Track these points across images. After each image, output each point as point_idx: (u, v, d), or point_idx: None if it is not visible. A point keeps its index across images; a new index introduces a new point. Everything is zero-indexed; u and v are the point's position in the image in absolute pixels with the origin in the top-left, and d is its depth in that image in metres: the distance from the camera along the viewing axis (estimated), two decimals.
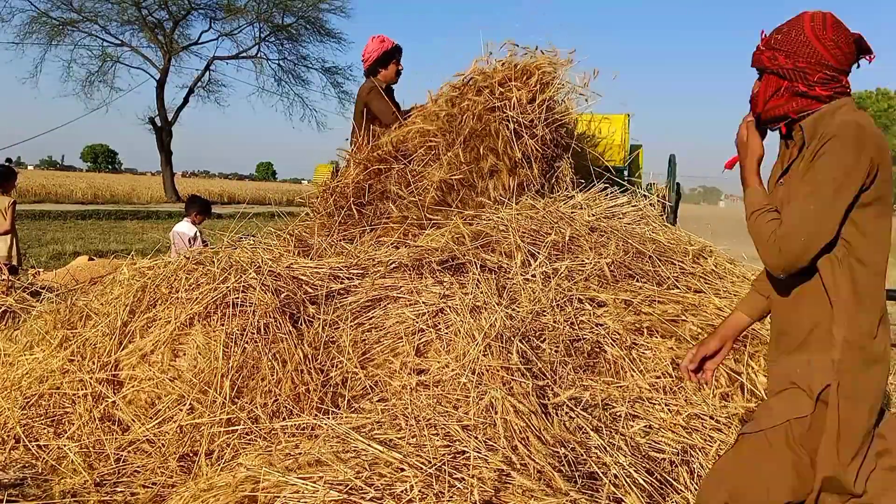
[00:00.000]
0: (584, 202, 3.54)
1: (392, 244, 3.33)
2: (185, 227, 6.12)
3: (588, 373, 2.65)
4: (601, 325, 2.79)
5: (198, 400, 2.61)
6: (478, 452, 2.07)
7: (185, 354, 2.77)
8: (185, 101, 29.81)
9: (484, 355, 2.49)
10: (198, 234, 6.02)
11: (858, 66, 1.57)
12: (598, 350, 2.73)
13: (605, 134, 4.59)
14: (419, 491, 1.90)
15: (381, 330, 2.86)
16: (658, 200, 3.95)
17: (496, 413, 2.23)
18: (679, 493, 2.24)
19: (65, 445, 2.59)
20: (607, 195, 3.66)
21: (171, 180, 29.94)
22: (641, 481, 2.16)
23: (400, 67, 4.40)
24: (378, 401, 2.53)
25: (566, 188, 3.67)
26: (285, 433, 2.40)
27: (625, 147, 4.63)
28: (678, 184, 4.88)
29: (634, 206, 3.61)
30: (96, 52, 28.30)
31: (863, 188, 1.42)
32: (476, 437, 2.15)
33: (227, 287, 2.85)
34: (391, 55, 4.37)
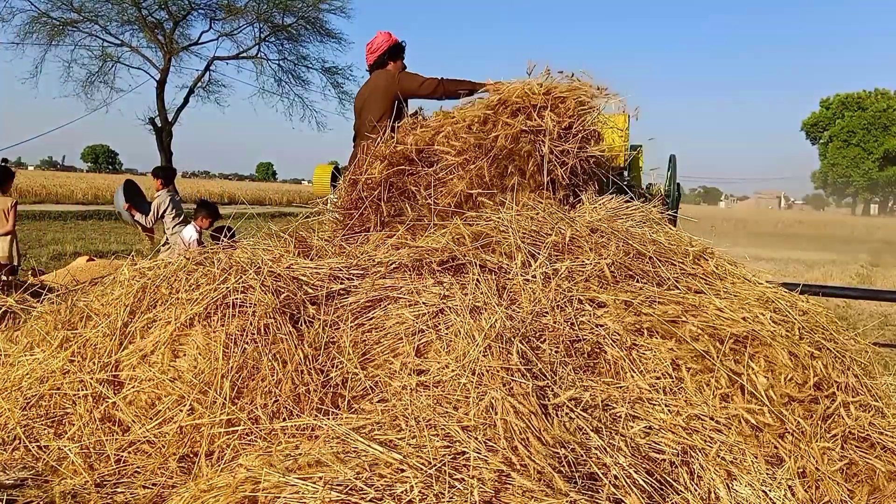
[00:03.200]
0: (591, 206, 3.55)
1: (393, 245, 3.32)
2: (187, 231, 6.18)
3: (588, 373, 2.65)
4: (601, 325, 2.79)
5: (198, 400, 2.61)
6: (478, 453, 2.07)
7: (185, 355, 2.77)
8: (185, 101, 29.78)
9: (484, 356, 2.49)
10: (195, 238, 6.06)
11: None
12: (598, 351, 2.73)
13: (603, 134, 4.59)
14: (419, 492, 1.90)
15: (381, 330, 2.86)
16: (659, 201, 3.95)
17: (496, 414, 2.23)
18: (679, 494, 2.24)
19: (65, 446, 2.59)
20: (612, 199, 3.65)
21: None
22: (641, 482, 2.16)
23: (405, 64, 4.39)
24: (378, 401, 2.53)
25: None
26: (285, 434, 2.40)
27: (624, 147, 4.62)
28: (678, 184, 4.87)
29: (639, 209, 3.61)
30: (96, 53, 28.30)
31: None
32: (476, 438, 2.15)
33: (227, 288, 2.85)
34: (401, 49, 4.36)
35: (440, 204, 3.52)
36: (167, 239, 6.69)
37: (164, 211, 6.73)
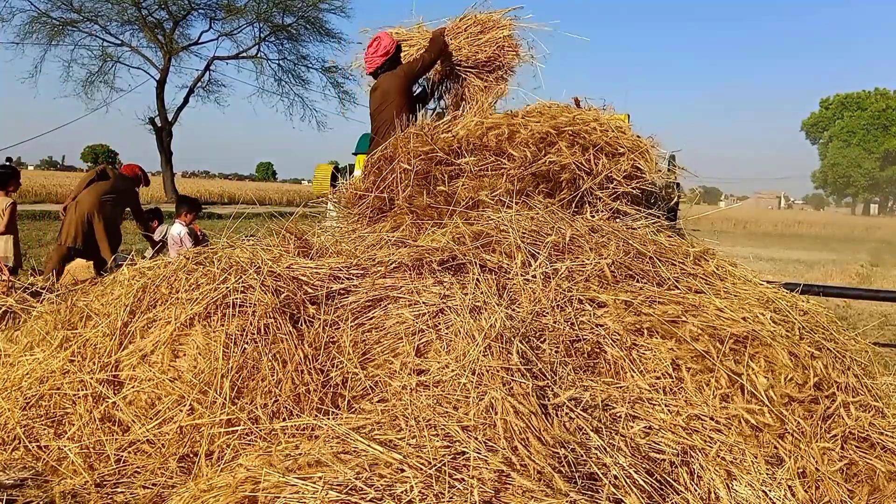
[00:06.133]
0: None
1: (394, 240, 3.32)
2: (175, 229, 6.24)
3: (588, 373, 2.65)
4: (601, 325, 2.79)
5: (198, 400, 2.61)
6: (478, 453, 2.07)
7: (185, 355, 2.77)
8: (185, 101, 29.85)
9: (484, 356, 2.49)
10: (184, 233, 6.10)
11: None
12: (598, 351, 2.73)
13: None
14: (419, 491, 1.90)
15: (381, 330, 2.86)
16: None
17: (496, 414, 2.23)
18: (679, 494, 2.24)
19: (65, 446, 2.59)
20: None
21: (171, 180, 29.95)
22: (641, 482, 2.16)
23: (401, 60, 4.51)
24: (378, 401, 2.53)
25: None
26: (285, 434, 2.40)
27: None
28: (678, 184, 4.87)
29: (648, 216, 3.62)
30: (96, 52, 28.35)
31: None
32: (476, 438, 2.15)
33: (227, 287, 2.85)
34: (400, 49, 4.48)
35: (459, 196, 3.54)
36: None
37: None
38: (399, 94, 4.28)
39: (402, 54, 4.60)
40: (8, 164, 9.91)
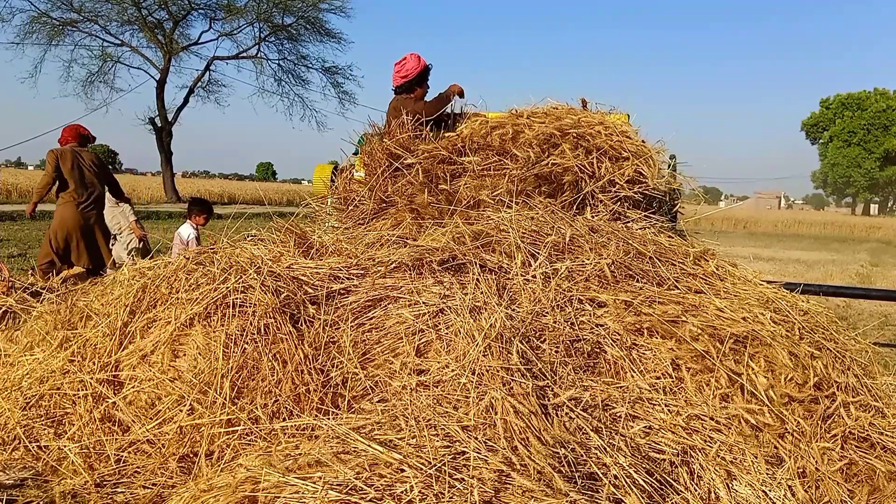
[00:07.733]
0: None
1: (394, 238, 3.32)
2: (184, 230, 6.24)
3: (588, 373, 2.65)
4: (601, 325, 2.79)
5: (198, 400, 2.61)
6: (478, 453, 2.07)
7: (185, 355, 2.77)
8: (185, 101, 29.86)
9: (484, 356, 2.49)
10: (193, 235, 6.09)
11: None
12: (598, 350, 2.73)
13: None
14: (419, 491, 1.90)
15: (381, 330, 2.86)
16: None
17: (496, 413, 2.23)
18: (679, 494, 2.24)
19: (65, 446, 2.59)
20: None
21: (171, 180, 29.96)
22: (641, 482, 2.16)
23: (429, 85, 4.48)
24: (378, 401, 2.53)
25: None
26: (285, 434, 2.40)
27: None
28: (679, 191, 4.87)
29: (647, 216, 3.62)
30: (96, 53, 28.37)
31: None
32: (476, 438, 2.15)
33: (227, 287, 2.85)
34: (428, 73, 4.47)
35: (461, 196, 3.53)
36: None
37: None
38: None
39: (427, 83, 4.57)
40: None
